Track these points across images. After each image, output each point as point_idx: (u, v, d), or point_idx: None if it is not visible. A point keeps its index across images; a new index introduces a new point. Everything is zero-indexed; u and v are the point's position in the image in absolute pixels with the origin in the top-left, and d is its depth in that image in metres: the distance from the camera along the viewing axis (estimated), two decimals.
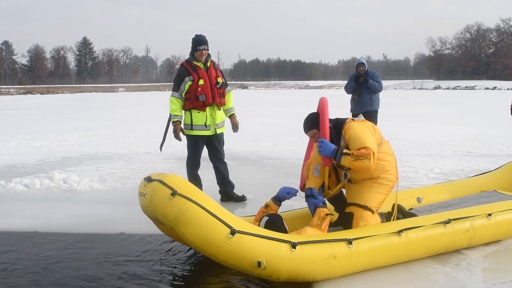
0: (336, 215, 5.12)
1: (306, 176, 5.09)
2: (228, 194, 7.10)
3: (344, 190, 5.15)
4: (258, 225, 4.68)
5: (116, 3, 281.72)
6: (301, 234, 4.41)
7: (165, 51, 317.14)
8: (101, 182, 8.27)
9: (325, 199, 4.90)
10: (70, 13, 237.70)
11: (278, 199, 5.05)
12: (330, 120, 4.92)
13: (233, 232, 3.99)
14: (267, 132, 15.81)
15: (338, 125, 4.87)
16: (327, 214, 4.66)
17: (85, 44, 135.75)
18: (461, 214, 4.85)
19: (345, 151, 4.63)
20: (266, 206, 5.01)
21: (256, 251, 3.99)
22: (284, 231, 4.55)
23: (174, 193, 4.04)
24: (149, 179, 4.27)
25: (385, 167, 4.82)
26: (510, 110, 11.18)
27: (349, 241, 4.25)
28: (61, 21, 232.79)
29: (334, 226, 4.94)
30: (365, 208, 4.74)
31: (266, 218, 4.72)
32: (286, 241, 4.09)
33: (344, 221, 4.80)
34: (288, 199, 5.06)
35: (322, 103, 4.90)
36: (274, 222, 4.63)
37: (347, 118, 4.97)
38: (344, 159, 4.61)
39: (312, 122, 4.95)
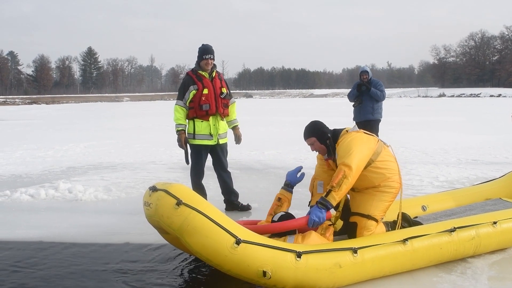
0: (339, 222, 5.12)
1: (311, 193, 5.13)
2: (232, 203, 7.10)
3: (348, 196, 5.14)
4: (272, 218, 4.75)
5: (121, 13, 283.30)
6: (306, 236, 4.46)
7: (170, 60, 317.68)
8: (106, 191, 8.28)
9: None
10: (75, 24, 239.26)
11: (290, 186, 5.12)
12: (329, 131, 4.94)
13: (238, 241, 3.98)
14: (272, 141, 15.80)
15: (335, 137, 4.87)
16: (330, 225, 4.70)
17: (90, 54, 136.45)
18: (466, 222, 4.84)
19: (325, 194, 4.54)
20: (279, 199, 5.05)
21: (261, 260, 3.99)
22: (293, 232, 4.61)
23: (179, 202, 4.04)
24: (154, 189, 4.27)
25: (385, 175, 4.79)
26: (511, 118, 11.19)
27: (354, 250, 4.25)
28: (66, 31, 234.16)
29: (338, 234, 4.94)
30: (369, 217, 4.73)
31: (282, 213, 4.78)
32: (291, 250, 4.09)
33: (348, 231, 4.79)
34: (300, 180, 5.16)
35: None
36: (289, 219, 4.70)
37: (343, 130, 4.94)
38: (332, 198, 4.48)
39: (311, 130, 4.97)
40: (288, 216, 4.75)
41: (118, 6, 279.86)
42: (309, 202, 5.12)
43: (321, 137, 4.91)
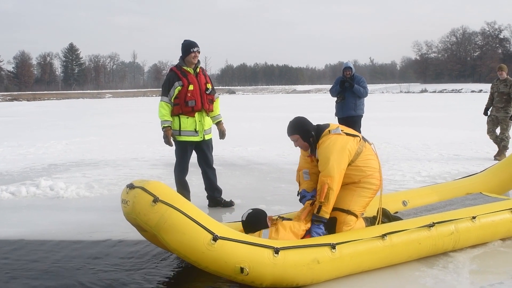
0: None
1: (299, 182, 5.17)
2: (216, 200, 7.08)
3: None
4: (242, 217, 4.81)
5: (103, 9, 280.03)
6: (278, 230, 4.51)
7: (152, 57, 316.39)
8: (88, 188, 8.22)
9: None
10: (56, 20, 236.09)
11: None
12: (313, 128, 4.91)
13: (215, 238, 3.97)
14: (255, 137, 15.81)
15: (318, 134, 4.86)
16: (311, 204, 4.76)
17: (71, 51, 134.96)
18: (445, 218, 4.87)
19: (316, 210, 4.62)
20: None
21: (239, 257, 3.98)
22: (265, 225, 4.66)
23: (155, 200, 4.02)
24: (131, 186, 4.24)
25: (366, 172, 4.81)
26: (484, 110, 11.34)
27: (333, 246, 4.25)
28: (47, 27, 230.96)
29: None
30: (348, 212, 4.73)
31: (249, 211, 4.81)
32: (269, 246, 4.08)
33: (328, 226, 4.77)
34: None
35: None
36: (258, 215, 4.78)
37: (326, 127, 4.89)
38: (324, 213, 4.60)
39: (295, 128, 4.94)
40: (260, 212, 4.81)
41: (100, 3, 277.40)
42: (298, 192, 5.15)
43: (305, 135, 4.89)
